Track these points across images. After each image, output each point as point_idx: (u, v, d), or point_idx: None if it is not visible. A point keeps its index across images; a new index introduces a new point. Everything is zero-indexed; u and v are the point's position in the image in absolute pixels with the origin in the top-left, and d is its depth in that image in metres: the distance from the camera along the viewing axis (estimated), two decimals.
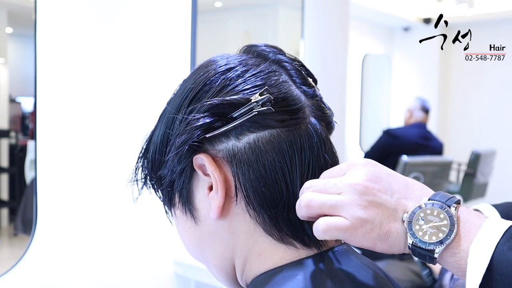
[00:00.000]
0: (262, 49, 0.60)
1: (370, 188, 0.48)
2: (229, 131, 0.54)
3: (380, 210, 0.48)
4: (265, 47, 0.61)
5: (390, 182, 0.49)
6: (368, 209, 0.48)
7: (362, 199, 0.48)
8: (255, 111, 0.53)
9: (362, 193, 0.48)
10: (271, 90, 0.54)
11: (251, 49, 0.61)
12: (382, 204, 0.48)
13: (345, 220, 0.48)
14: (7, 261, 1.52)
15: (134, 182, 0.62)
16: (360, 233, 0.47)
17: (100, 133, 1.61)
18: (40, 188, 1.47)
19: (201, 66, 0.60)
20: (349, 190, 0.49)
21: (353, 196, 0.48)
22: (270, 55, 0.59)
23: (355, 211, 0.48)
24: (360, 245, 0.48)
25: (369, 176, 0.49)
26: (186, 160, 0.55)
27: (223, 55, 0.60)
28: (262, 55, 0.60)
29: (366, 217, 0.47)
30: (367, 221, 0.47)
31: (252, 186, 0.53)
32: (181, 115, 0.56)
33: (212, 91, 0.55)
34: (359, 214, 0.47)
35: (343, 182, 0.49)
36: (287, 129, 0.54)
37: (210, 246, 0.58)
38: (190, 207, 0.58)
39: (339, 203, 0.48)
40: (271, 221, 0.54)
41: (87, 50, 1.56)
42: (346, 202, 0.48)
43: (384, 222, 0.48)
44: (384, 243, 0.48)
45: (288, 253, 0.54)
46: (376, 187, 0.49)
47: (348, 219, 0.48)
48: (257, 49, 0.61)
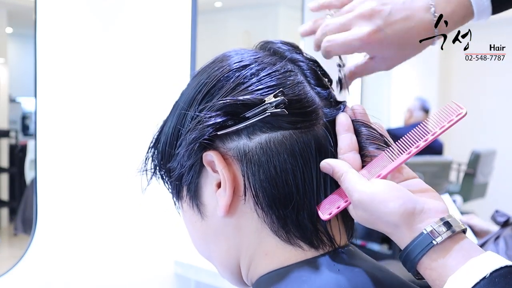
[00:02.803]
0: (278, 46, 0.60)
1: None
2: (241, 130, 0.53)
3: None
4: (282, 44, 0.60)
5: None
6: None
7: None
8: (268, 112, 0.52)
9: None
10: (285, 91, 0.53)
11: (267, 46, 0.60)
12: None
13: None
14: (7, 261, 1.52)
15: (144, 172, 0.61)
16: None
17: (100, 133, 1.61)
18: (40, 188, 1.47)
19: (216, 60, 0.59)
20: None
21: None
22: (286, 53, 0.59)
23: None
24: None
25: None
26: (196, 156, 0.55)
27: (238, 50, 0.59)
28: (278, 53, 0.59)
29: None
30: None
31: (262, 186, 0.53)
32: (193, 111, 0.55)
33: (226, 88, 0.54)
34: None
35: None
36: (300, 131, 0.53)
37: (215, 242, 0.58)
38: (197, 202, 0.58)
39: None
40: (279, 222, 0.54)
41: (87, 50, 1.56)
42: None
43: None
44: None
45: (295, 253, 0.54)
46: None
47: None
48: (273, 46, 0.60)
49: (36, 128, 1.46)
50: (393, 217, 0.48)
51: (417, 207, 0.48)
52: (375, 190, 0.49)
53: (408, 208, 0.48)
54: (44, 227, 1.48)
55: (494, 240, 1.51)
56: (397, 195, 0.49)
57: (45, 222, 1.48)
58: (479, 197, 4.10)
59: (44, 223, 1.48)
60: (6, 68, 1.70)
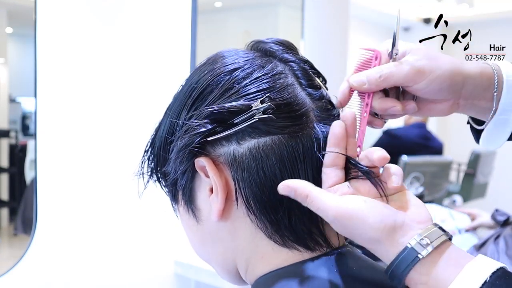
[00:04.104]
0: (270, 46, 0.59)
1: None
2: (231, 136, 0.53)
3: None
4: (273, 44, 0.59)
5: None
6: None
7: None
8: (256, 117, 0.52)
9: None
10: (274, 95, 0.53)
11: (258, 46, 0.60)
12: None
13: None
14: (7, 261, 1.52)
15: (140, 175, 0.61)
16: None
17: (100, 133, 1.61)
18: (40, 188, 1.47)
19: (207, 62, 0.59)
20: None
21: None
22: (278, 53, 0.58)
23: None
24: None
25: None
26: (188, 162, 0.55)
27: (230, 51, 0.59)
28: (269, 53, 0.59)
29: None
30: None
31: (252, 191, 0.53)
32: (182, 117, 0.55)
33: (215, 94, 0.54)
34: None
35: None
36: (288, 136, 0.53)
37: (212, 245, 0.58)
38: (192, 207, 0.58)
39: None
40: (272, 227, 0.53)
41: (87, 50, 1.56)
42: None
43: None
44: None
45: (291, 255, 0.54)
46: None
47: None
48: (265, 46, 0.59)
49: (36, 128, 1.46)
50: (373, 233, 0.47)
51: (397, 221, 0.48)
52: (351, 206, 0.48)
53: (388, 223, 0.47)
54: (44, 227, 1.48)
55: (494, 239, 1.51)
56: (375, 210, 0.48)
57: (45, 222, 1.48)
58: (479, 197, 4.10)
59: (44, 223, 1.48)
60: (6, 68, 1.70)
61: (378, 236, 0.47)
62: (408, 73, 0.55)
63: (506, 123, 0.59)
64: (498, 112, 0.58)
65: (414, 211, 0.49)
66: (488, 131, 0.61)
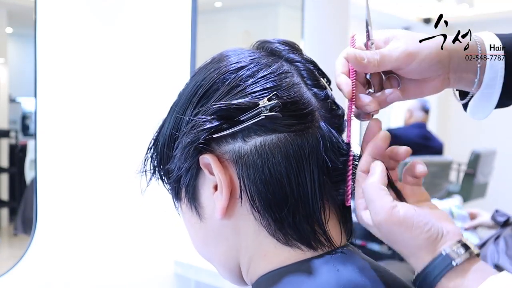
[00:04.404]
0: (276, 46, 0.59)
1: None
2: (236, 133, 0.53)
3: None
4: (279, 44, 0.60)
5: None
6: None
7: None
8: (262, 115, 0.52)
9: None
10: (280, 94, 0.53)
11: (264, 45, 0.60)
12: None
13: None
14: (7, 261, 1.52)
15: (143, 173, 0.61)
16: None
17: (100, 133, 1.61)
18: (40, 188, 1.47)
19: (213, 60, 0.59)
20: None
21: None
22: (283, 53, 0.58)
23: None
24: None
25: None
26: (192, 159, 0.55)
27: (236, 50, 0.59)
28: (275, 53, 0.59)
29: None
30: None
31: (257, 189, 0.53)
32: (188, 114, 0.55)
33: (221, 91, 0.54)
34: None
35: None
36: (294, 134, 0.53)
37: (215, 243, 0.58)
38: (195, 204, 0.58)
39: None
40: (276, 225, 0.53)
41: (87, 50, 1.56)
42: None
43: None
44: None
45: (294, 254, 0.54)
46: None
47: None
48: (270, 45, 0.60)
49: (36, 128, 1.46)
50: (419, 241, 0.49)
51: (440, 232, 0.49)
52: (403, 213, 0.50)
53: (433, 234, 0.49)
54: (44, 227, 1.48)
55: (494, 240, 1.51)
56: (424, 221, 0.49)
57: (45, 222, 1.48)
58: (479, 197, 4.10)
59: (44, 223, 1.48)
60: (6, 68, 1.70)
61: (420, 244, 0.49)
62: (399, 57, 0.57)
63: (491, 96, 0.61)
64: (482, 86, 0.60)
65: (448, 223, 0.51)
66: (474, 102, 0.63)
